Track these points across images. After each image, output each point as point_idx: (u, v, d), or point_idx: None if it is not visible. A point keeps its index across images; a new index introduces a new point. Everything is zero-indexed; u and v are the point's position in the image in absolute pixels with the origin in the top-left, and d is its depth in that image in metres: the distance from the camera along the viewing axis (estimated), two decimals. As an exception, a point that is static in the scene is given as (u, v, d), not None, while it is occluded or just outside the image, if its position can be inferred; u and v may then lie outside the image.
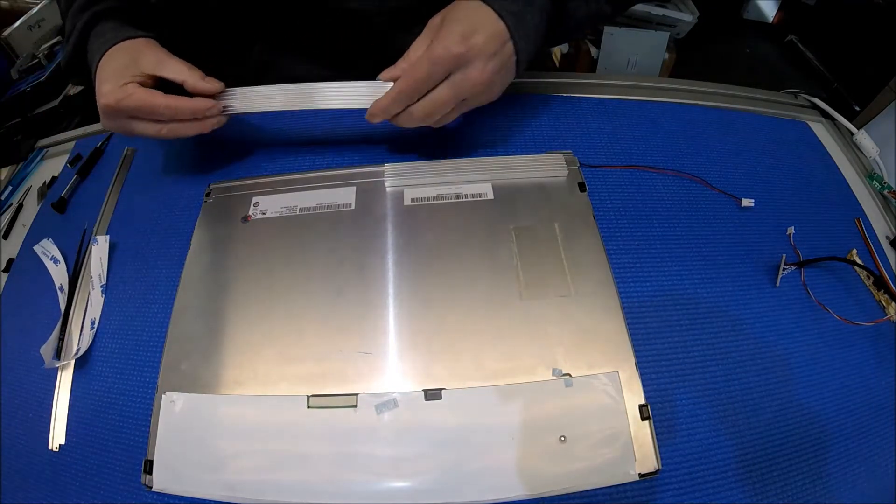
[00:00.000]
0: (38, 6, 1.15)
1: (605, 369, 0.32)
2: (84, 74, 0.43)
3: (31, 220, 0.51)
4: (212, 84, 0.41)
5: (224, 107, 0.41)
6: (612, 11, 0.43)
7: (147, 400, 0.34)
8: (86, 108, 1.00)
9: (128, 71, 0.38)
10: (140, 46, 0.41)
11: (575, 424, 0.30)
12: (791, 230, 0.42)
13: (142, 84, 0.39)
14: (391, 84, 0.38)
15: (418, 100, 0.37)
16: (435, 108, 0.35)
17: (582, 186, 0.41)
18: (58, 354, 0.39)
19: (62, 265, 0.44)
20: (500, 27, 0.35)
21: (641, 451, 0.29)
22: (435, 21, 0.39)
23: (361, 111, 0.40)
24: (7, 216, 0.53)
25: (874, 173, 0.48)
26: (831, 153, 0.49)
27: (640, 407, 0.31)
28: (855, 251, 0.41)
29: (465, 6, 0.36)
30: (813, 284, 0.39)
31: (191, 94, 0.40)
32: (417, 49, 0.38)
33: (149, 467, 0.31)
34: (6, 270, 0.48)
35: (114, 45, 0.40)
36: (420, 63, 0.35)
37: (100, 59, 0.39)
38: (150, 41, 0.42)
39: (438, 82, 0.35)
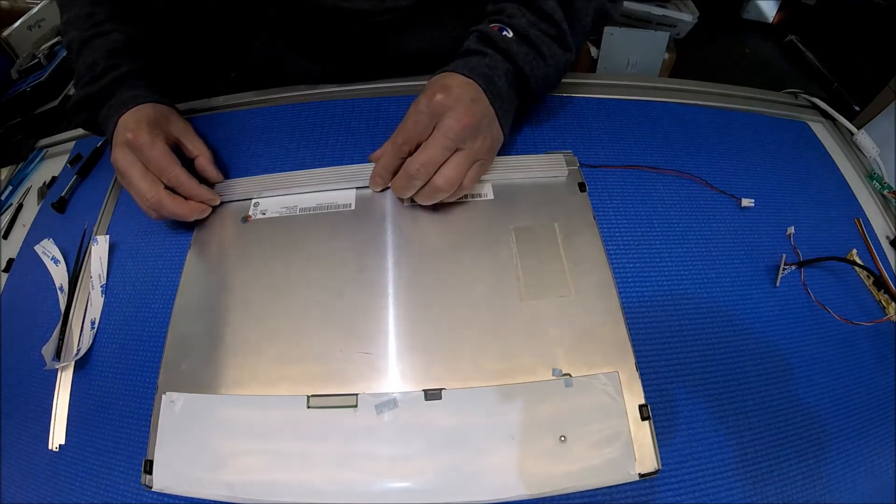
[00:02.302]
0: (38, 6, 1.15)
1: (605, 369, 0.32)
2: (89, 113, 0.44)
3: (31, 220, 0.51)
4: (217, 173, 0.44)
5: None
6: (574, 56, 0.44)
7: (147, 400, 0.34)
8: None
9: (157, 125, 0.41)
10: (168, 111, 0.44)
11: (575, 424, 0.30)
12: (791, 230, 0.42)
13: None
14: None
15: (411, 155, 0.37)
16: (429, 156, 0.36)
17: (582, 186, 0.41)
18: (58, 355, 0.39)
19: (62, 265, 0.44)
20: (473, 83, 0.38)
21: (641, 451, 0.29)
22: None
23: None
24: (7, 216, 0.53)
25: (874, 173, 0.48)
26: (831, 153, 0.49)
27: (640, 407, 0.31)
28: (855, 251, 0.41)
29: (438, 77, 0.39)
30: (813, 284, 0.39)
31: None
32: None
33: (149, 467, 0.31)
34: (6, 270, 0.48)
35: (146, 101, 0.42)
36: (406, 116, 0.38)
37: (131, 107, 0.41)
38: (174, 110, 0.45)
39: (427, 132, 0.37)
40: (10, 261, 0.48)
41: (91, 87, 0.43)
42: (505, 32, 0.40)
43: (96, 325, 0.40)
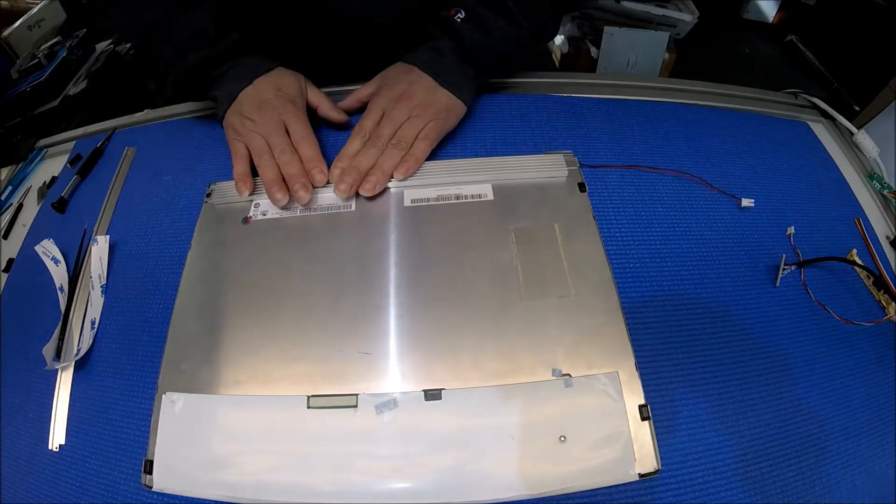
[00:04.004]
0: (38, 6, 1.15)
1: (605, 369, 0.32)
2: (197, 75, 0.47)
3: (31, 220, 0.51)
4: (340, 114, 0.48)
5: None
6: (527, 31, 0.48)
7: (147, 400, 0.34)
8: (86, 108, 1.00)
9: (301, 82, 0.48)
10: (297, 73, 0.49)
11: (575, 424, 0.30)
12: (791, 230, 0.42)
13: None
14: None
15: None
16: (391, 121, 0.43)
17: (582, 186, 0.41)
18: (58, 355, 0.39)
19: (62, 265, 0.44)
20: (408, 66, 0.47)
21: (641, 451, 0.29)
22: None
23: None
24: (7, 216, 0.53)
25: (874, 173, 0.48)
26: (831, 153, 0.49)
27: (640, 407, 0.31)
28: (855, 251, 0.41)
29: (385, 72, 0.48)
30: (813, 284, 0.39)
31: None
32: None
33: (149, 467, 0.31)
34: (6, 270, 0.48)
35: (276, 66, 0.48)
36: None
37: (265, 71, 0.47)
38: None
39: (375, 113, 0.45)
40: (10, 261, 0.48)
41: (208, 51, 0.46)
42: (458, 15, 0.46)
43: (96, 325, 0.40)
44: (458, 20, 0.46)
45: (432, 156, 0.44)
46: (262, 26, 0.52)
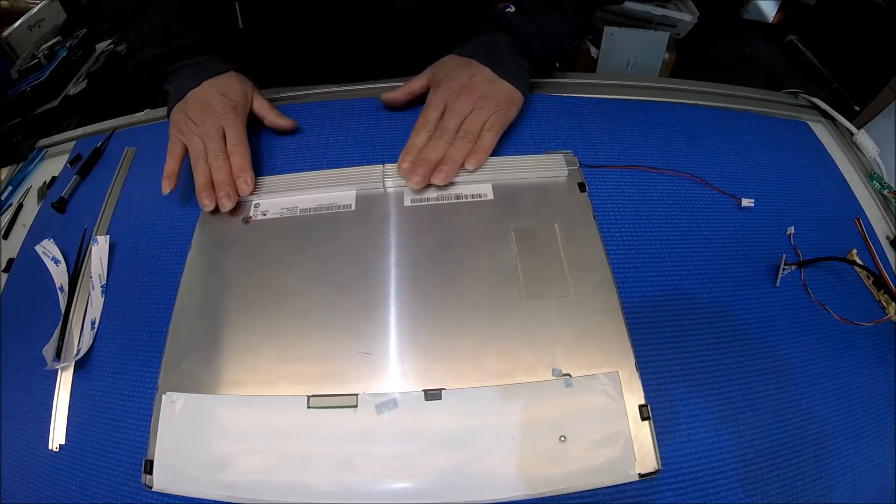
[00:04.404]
0: (38, 6, 1.15)
1: (605, 369, 0.32)
2: (153, 70, 0.49)
3: (31, 220, 0.51)
4: (286, 121, 0.48)
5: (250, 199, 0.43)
6: (575, 23, 0.49)
7: (147, 400, 0.34)
8: (86, 108, 1.00)
9: (248, 89, 0.48)
10: (246, 80, 0.49)
11: (575, 424, 0.30)
12: (791, 230, 0.42)
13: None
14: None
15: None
16: (450, 119, 0.43)
17: (582, 186, 0.41)
18: (58, 355, 0.39)
19: (62, 265, 0.44)
20: (465, 59, 0.47)
21: (641, 451, 0.29)
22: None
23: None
24: (7, 216, 0.53)
25: (874, 173, 0.48)
26: (831, 153, 0.49)
27: (640, 407, 0.31)
28: (855, 251, 0.41)
29: (440, 65, 0.48)
30: (813, 284, 0.39)
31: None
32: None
33: (149, 467, 0.31)
34: (6, 270, 0.48)
35: (229, 70, 0.48)
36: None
37: (216, 74, 0.47)
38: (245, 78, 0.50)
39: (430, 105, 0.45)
40: (10, 261, 0.48)
41: (165, 48, 0.47)
42: (509, 9, 0.48)
43: (96, 325, 0.40)
44: (510, 13, 0.47)
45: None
46: (263, 26, 0.52)
